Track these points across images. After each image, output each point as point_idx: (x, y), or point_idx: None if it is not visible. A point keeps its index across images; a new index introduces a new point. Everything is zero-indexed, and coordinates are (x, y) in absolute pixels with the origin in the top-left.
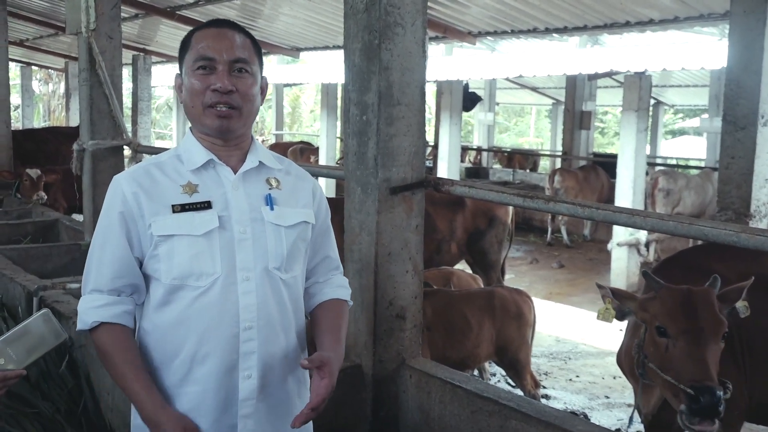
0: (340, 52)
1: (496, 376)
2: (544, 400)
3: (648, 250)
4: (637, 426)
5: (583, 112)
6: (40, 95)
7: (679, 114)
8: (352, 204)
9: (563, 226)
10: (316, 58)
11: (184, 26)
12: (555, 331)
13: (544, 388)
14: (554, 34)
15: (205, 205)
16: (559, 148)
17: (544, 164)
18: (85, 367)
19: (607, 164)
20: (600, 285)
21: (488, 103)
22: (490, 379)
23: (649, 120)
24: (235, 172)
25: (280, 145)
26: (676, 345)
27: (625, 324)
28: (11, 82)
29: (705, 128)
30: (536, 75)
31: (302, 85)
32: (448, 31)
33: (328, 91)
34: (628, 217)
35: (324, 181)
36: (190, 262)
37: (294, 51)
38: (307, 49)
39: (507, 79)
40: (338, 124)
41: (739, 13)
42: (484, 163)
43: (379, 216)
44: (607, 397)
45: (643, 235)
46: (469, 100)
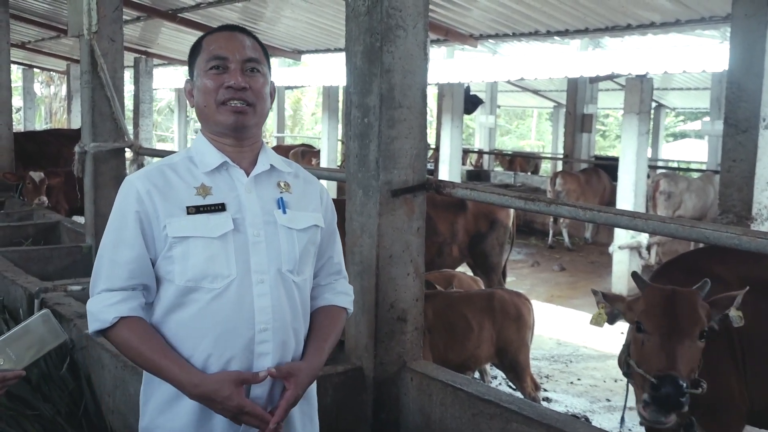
0: (342, 55)
1: (497, 379)
2: (545, 403)
3: (649, 253)
4: (629, 426)
5: (584, 115)
6: (42, 97)
7: (681, 117)
8: (353, 206)
9: (564, 229)
10: (318, 61)
11: (185, 29)
12: (556, 334)
13: (545, 390)
14: (555, 37)
15: (220, 208)
16: (561, 151)
17: (546, 167)
18: (86, 368)
19: (609, 167)
20: (594, 291)
21: (489, 106)
22: (491, 382)
23: (651, 123)
24: (247, 174)
25: (282, 148)
26: (651, 340)
27: (627, 327)
28: (13, 85)
29: (706, 131)
30: (537, 78)
31: (304, 88)
32: (449, 34)
33: (329, 93)
34: (630, 220)
35: (325, 183)
36: (205, 264)
37: (295, 53)
38: (308, 51)
39: (508, 82)
40: (339, 127)
41: (741, 16)
42: (486, 166)
43: (381, 218)
44: (609, 400)
45: (644, 238)
46: (471, 103)
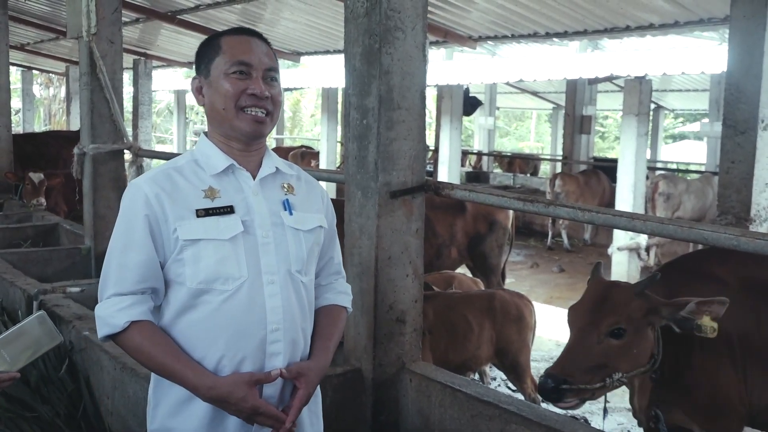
0: (341, 57)
1: (497, 381)
2: (544, 404)
3: (648, 255)
4: (612, 416)
5: (583, 117)
6: (41, 99)
7: (680, 118)
8: (352, 208)
9: (564, 230)
10: (317, 63)
11: (185, 31)
12: (555, 336)
13: None
14: (555, 39)
15: (228, 210)
16: (560, 152)
17: (545, 168)
18: (84, 370)
19: (608, 168)
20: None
21: (488, 108)
22: (490, 384)
23: (650, 124)
24: (253, 176)
25: (281, 150)
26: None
27: None
28: (12, 86)
29: (705, 132)
30: (537, 79)
31: (303, 90)
32: (448, 36)
33: (328, 95)
34: (628, 221)
35: (324, 185)
36: (217, 266)
37: (295, 55)
38: (307, 53)
39: (507, 84)
40: (339, 128)
41: (739, 17)
42: (485, 168)
43: (380, 220)
44: (608, 401)
45: (643, 240)
46: (470, 105)
